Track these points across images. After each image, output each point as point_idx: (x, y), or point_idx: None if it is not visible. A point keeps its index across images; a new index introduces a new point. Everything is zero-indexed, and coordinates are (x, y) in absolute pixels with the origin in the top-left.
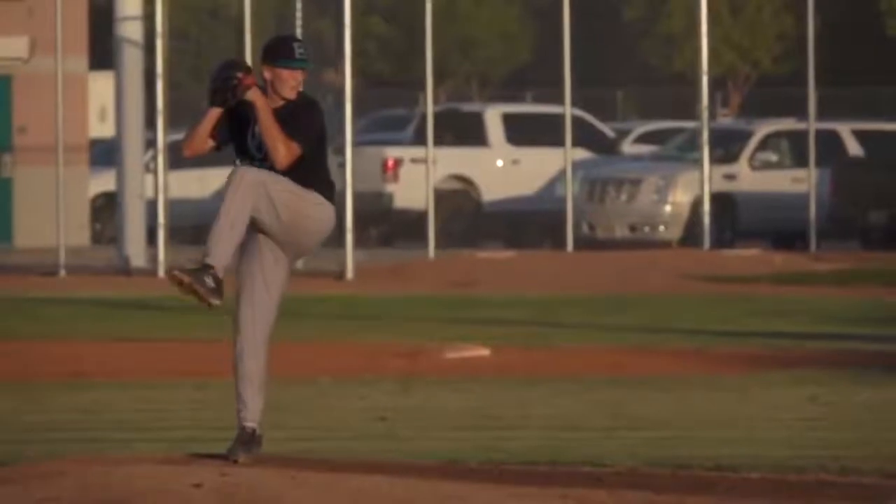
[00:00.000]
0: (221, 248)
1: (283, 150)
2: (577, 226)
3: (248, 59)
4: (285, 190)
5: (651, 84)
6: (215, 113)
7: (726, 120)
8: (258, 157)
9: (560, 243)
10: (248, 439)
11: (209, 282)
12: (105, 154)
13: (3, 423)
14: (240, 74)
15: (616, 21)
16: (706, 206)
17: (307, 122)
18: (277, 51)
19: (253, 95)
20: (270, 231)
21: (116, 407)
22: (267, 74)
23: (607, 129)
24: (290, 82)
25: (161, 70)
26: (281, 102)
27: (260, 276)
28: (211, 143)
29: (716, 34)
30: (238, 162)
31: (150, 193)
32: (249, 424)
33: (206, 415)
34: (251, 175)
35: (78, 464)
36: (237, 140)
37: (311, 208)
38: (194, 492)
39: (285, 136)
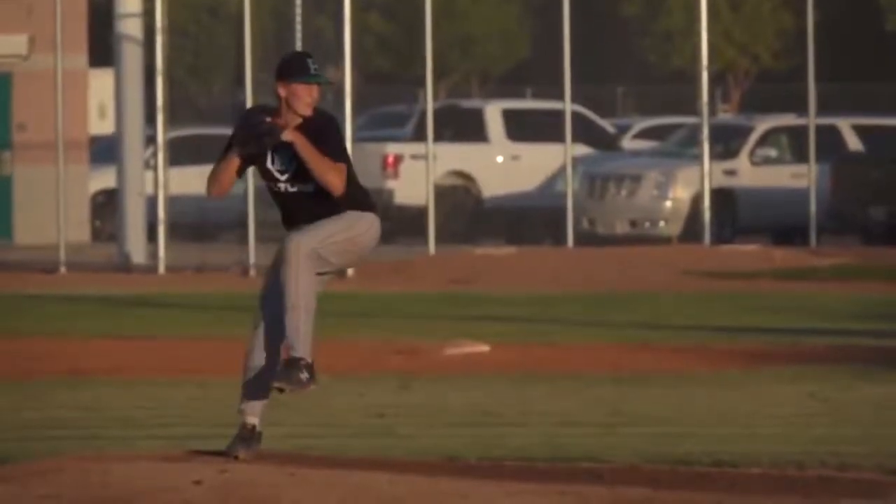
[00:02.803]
0: (304, 338)
1: (336, 177)
2: (577, 222)
3: (248, 59)
4: (336, 240)
5: (651, 80)
6: (238, 159)
7: (726, 116)
8: (282, 178)
9: (560, 239)
10: (248, 436)
11: (303, 376)
12: (105, 151)
13: (3, 420)
14: (269, 119)
15: (615, 17)
16: (706, 202)
17: (337, 138)
18: (292, 67)
19: (290, 136)
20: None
21: (117, 404)
22: (282, 92)
23: (607, 125)
24: (306, 98)
25: (161, 67)
26: (298, 120)
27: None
28: (236, 180)
29: (715, 30)
30: (267, 184)
31: (150, 190)
32: (250, 420)
33: (206, 412)
34: (303, 248)
35: (78, 461)
36: (257, 164)
37: (363, 236)
38: (194, 489)
39: (331, 162)
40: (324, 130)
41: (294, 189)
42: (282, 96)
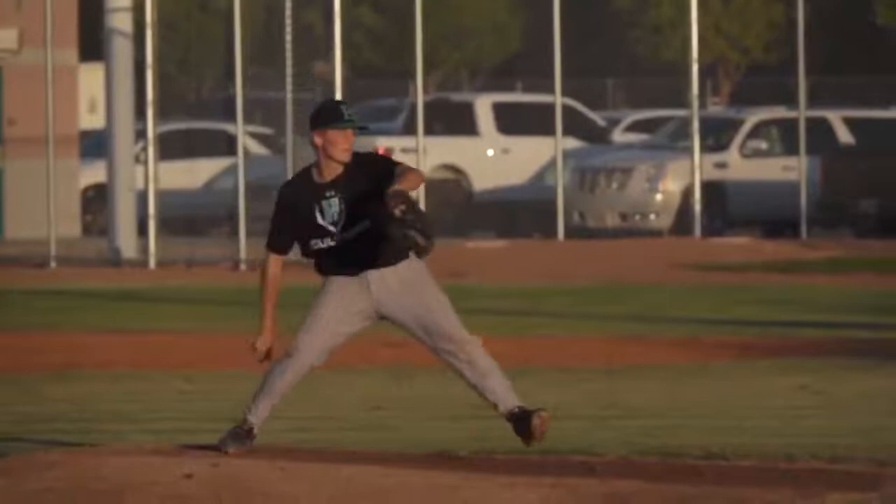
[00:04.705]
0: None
1: (419, 176)
2: (567, 215)
3: (238, 53)
4: (436, 306)
5: (641, 73)
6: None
7: (717, 108)
8: (336, 229)
9: (551, 232)
10: (243, 434)
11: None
12: (95, 145)
13: None
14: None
15: (606, 10)
16: (697, 195)
17: (384, 158)
18: (325, 115)
19: (403, 188)
20: None
21: (108, 398)
22: (318, 140)
23: (598, 118)
24: (343, 144)
25: (151, 61)
26: (339, 170)
27: (343, 336)
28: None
29: (706, 22)
30: (319, 243)
31: (140, 185)
32: (252, 420)
33: (197, 406)
34: (473, 338)
35: (70, 455)
36: (304, 231)
37: (435, 288)
38: (185, 482)
39: (411, 173)
40: (371, 163)
41: (351, 235)
42: (318, 145)
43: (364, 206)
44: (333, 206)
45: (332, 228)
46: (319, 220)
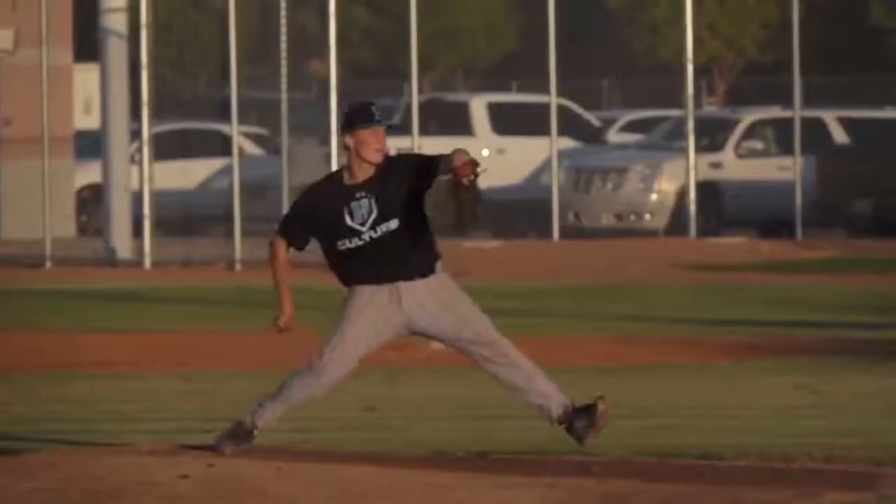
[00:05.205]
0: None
1: (466, 156)
2: (562, 215)
3: (233, 53)
4: (469, 316)
5: (636, 73)
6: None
7: (712, 108)
8: (365, 228)
9: (546, 232)
10: (242, 435)
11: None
12: (91, 146)
13: None
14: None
15: (601, 10)
16: (692, 195)
17: (416, 154)
18: (356, 117)
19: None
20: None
21: (105, 398)
22: (350, 142)
23: (593, 119)
24: (374, 144)
25: (146, 61)
26: (371, 171)
27: (370, 351)
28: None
29: (701, 22)
30: (346, 244)
31: (135, 185)
32: (256, 423)
33: (193, 406)
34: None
35: (67, 455)
36: (331, 233)
37: (464, 296)
38: (181, 483)
39: (450, 156)
40: (404, 161)
41: (378, 233)
42: (350, 146)
43: (394, 206)
44: (363, 206)
45: (360, 228)
46: (348, 221)
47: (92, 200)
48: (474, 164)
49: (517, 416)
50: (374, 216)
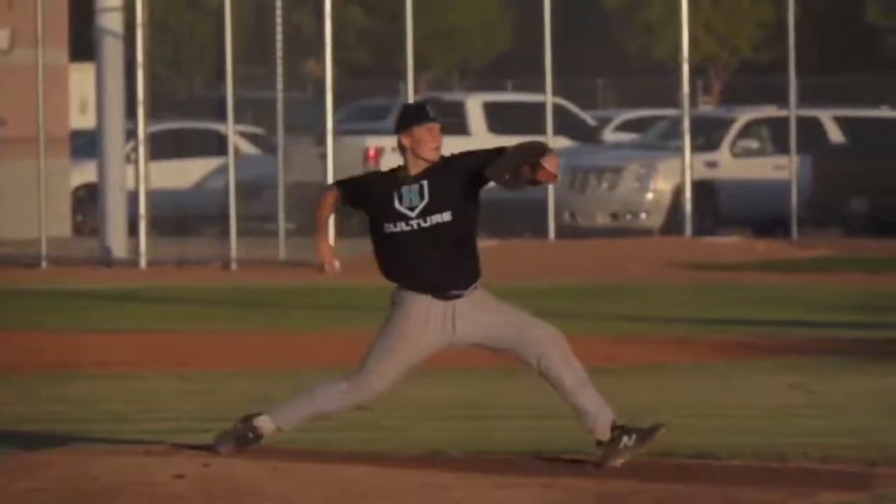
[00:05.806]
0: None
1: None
2: (558, 214)
3: (228, 53)
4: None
5: (632, 72)
6: (328, 211)
7: (707, 107)
8: (413, 214)
9: (541, 232)
10: (248, 437)
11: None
12: (86, 145)
13: None
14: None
15: (596, 10)
16: (687, 194)
17: (484, 150)
18: (411, 116)
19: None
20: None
21: (103, 398)
22: (406, 142)
23: (588, 118)
24: (431, 142)
25: (141, 61)
26: (425, 167)
27: (410, 368)
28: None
29: (696, 21)
30: (391, 227)
31: (131, 184)
32: (268, 426)
33: (192, 405)
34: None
35: (63, 455)
36: (380, 213)
37: (502, 300)
38: (177, 483)
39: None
40: (461, 157)
41: (427, 223)
42: (406, 146)
43: (447, 199)
44: (413, 191)
45: (408, 213)
46: (397, 204)
47: (88, 200)
48: (546, 153)
49: (515, 417)
50: (424, 203)
